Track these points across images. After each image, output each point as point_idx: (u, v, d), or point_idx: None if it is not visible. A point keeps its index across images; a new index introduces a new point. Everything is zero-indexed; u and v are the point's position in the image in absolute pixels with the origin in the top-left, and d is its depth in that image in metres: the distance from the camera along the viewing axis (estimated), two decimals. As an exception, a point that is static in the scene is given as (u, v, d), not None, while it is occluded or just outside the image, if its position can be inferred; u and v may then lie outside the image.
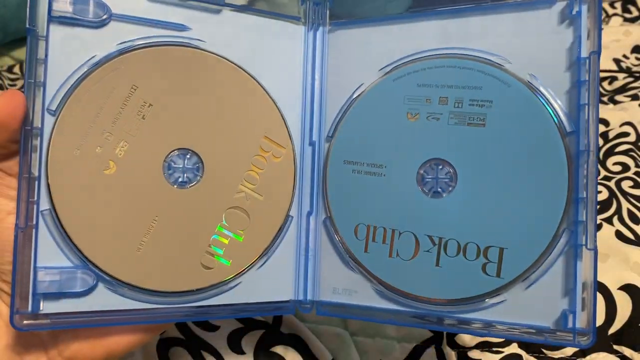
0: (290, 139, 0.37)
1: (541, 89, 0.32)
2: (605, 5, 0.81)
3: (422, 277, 0.34)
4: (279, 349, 0.45)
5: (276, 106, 0.37)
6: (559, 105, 0.32)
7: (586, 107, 0.31)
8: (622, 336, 0.42)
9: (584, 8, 0.31)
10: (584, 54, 0.31)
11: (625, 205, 0.51)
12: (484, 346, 0.43)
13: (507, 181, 0.32)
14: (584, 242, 0.30)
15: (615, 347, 0.42)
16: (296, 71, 0.38)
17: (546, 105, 0.32)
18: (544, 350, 0.42)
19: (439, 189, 0.34)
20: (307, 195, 0.38)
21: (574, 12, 0.31)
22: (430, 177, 0.35)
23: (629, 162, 0.56)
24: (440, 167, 0.34)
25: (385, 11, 0.71)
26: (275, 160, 0.37)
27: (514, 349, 0.42)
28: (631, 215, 0.50)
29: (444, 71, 0.34)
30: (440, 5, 0.35)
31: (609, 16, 0.80)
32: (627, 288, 0.43)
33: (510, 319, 0.32)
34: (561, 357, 0.42)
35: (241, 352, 0.44)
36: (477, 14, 0.34)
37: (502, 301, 0.32)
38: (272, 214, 0.37)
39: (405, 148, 0.35)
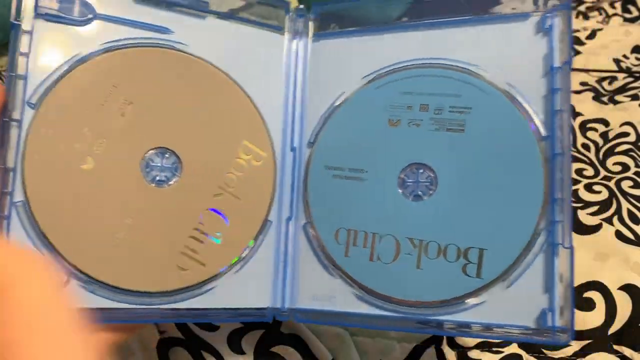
0: (271, 144, 0.38)
1: (518, 96, 0.34)
2: (605, 6, 0.81)
3: (403, 280, 0.34)
4: (279, 349, 0.44)
5: (257, 111, 0.38)
6: (534, 111, 0.33)
7: (560, 113, 0.32)
8: (622, 336, 0.42)
9: (556, 21, 0.33)
10: (557, 64, 0.33)
11: (625, 205, 0.51)
12: (484, 346, 0.43)
13: (486, 184, 0.33)
14: (560, 241, 0.31)
15: (615, 347, 0.41)
16: (279, 79, 0.39)
17: (522, 112, 0.33)
18: (544, 351, 0.42)
19: (420, 192, 0.35)
20: (287, 201, 0.38)
21: (546, 26, 0.33)
22: (411, 180, 0.35)
23: (629, 162, 0.55)
24: (421, 171, 0.35)
25: (385, 11, 0.71)
26: (255, 164, 0.37)
27: (514, 349, 0.42)
28: (631, 215, 0.50)
29: (426, 80, 0.36)
30: (423, 18, 0.36)
31: (609, 16, 0.79)
32: (627, 288, 0.43)
33: (491, 319, 0.32)
34: (561, 357, 0.41)
35: (241, 352, 0.43)
36: (457, 26, 0.36)
37: (482, 302, 0.33)
38: (250, 218, 0.37)
39: (387, 153, 0.36)
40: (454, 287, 0.33)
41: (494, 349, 0.42)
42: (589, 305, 0.43)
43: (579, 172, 0.56)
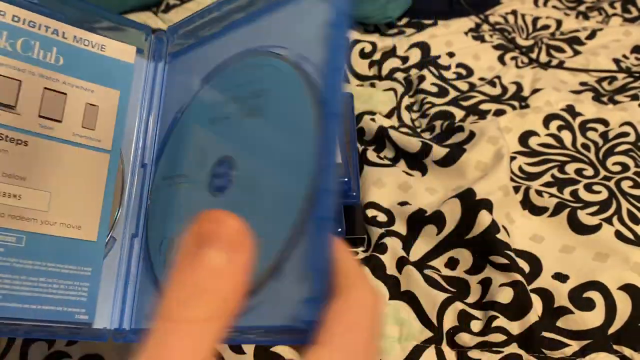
0: (122, 162, 0.38)
1: (306, 65, 0.30)
2: (605, 6, 0.82)
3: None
4: (279, 349, 0.43)
5: None
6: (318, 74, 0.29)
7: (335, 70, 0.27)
8: (622, 336, 0.42)
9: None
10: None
11: (625, 205, 0.51)
12: (484, 346, 0.42)
13: (270, 164, 0.29)
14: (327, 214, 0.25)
15: (615, 347, 0.41)
16: (134, 102, 0.39)
17: (305, 79, 0.29)
18: (544, 350, 0.41)
19: (224, 186, 0.32)
20: (135, 218, 0.37)
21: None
22: (217, 176, 0.32)
23: (629, 162, 0.55)
24: (226, 164, 0.32)
25: (386, 12, 0.70)
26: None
27: (513, 348, 0.42)
28: (631, 215, 0.50)
29: (237, 72, 0.34)
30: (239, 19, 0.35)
31: (608, 16, 0.80)
32: (627, 288, 0.43)
33: (263, 321, 0.26)
34: (561, 357, 0.41)
35: (241, 352, 0.43)
36: (264, 15, 0.33)
37: (260, 302, 0.27)
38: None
39: (202, 153, 0.34)
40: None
41: (494, 349, 0.42)
42: (588, 305, 0.43)
43: (579, 172, 0.54)
